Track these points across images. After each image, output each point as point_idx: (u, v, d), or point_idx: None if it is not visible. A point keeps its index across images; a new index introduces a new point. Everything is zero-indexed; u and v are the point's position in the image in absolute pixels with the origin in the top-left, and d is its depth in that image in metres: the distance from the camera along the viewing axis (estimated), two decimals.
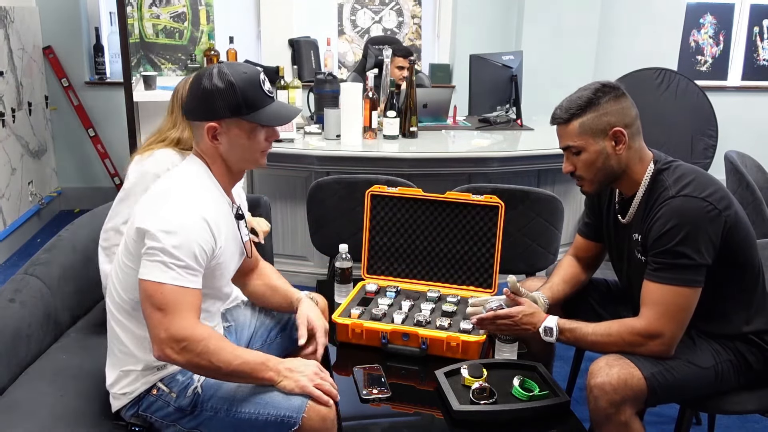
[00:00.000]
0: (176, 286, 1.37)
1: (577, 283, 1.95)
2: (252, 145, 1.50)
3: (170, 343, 1.37)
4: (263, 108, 1.48)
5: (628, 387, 1.56)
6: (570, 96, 1.70)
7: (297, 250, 3.33)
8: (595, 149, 1.66)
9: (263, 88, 1.48)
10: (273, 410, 1.46)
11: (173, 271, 1.37)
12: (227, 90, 1.43)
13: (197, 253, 1.40)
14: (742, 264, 1.66)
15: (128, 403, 1.54)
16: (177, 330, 1.36)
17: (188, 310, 1.39)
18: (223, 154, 1.51)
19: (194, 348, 1.37)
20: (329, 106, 3.30)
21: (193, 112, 1.49)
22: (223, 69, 1.46)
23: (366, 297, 2.09)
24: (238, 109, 1.45)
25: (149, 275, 1.37)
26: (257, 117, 1.47)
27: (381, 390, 1.63)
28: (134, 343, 1.52)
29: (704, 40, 5.35)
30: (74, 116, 4.54)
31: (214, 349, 1.39)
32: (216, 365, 1.40)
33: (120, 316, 1.52)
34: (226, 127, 1.47)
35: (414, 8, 5.04)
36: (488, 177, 3.12)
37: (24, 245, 3.90)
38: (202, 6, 4.65)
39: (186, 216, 1.41)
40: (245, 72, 1.47)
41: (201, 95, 1.45)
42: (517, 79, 3.68)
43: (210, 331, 1.43)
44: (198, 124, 1.49)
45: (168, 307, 1.36)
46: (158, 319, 1.37)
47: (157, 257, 1.37)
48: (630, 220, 1.75)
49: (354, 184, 2.47)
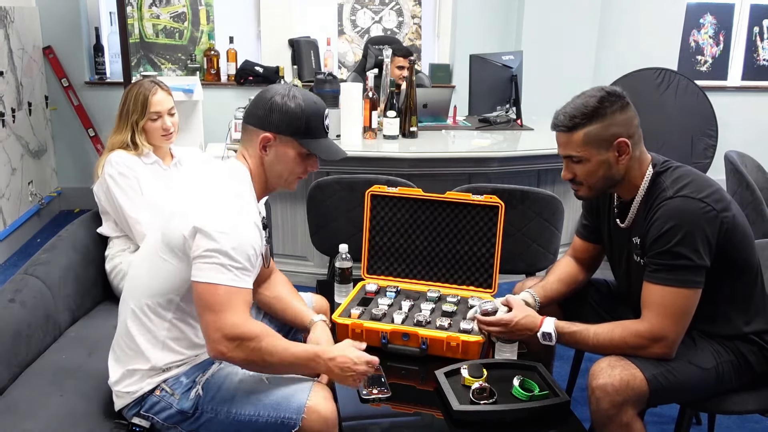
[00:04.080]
0: (233, 287, 1.40)
1: (573, 283, 1.95)
2: (295, 166, 1.57)
3: (225, 342, 1.40)
4: (319, 140, 1.56)
5: (630, 388, 1.56)
6: (574, 102, 1.66)
7: (297, 250, 3.33)
8: (597, 160, 1.65)
9: (324, 122, 1.57)
10: (273, 412, 1.47)
11: (231, 273, 1.40)
12: (295, 111, 1.51)
13: (251, 255, 1.45)
14: (740, 265, 1.66)
15: (131, 402, 1.54)
16: (231, 329, 1.39)
17: (241, 308, 1.42)
18: (266, 165, 1.56)
19: (249, 345, 1.41)
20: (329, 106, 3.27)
21: (255, 118, 1.54)
22: (296, 93, 1.54)
23: (366, 297, 2.09)
24: (298, 132, 1.52)
25: (206, 277, 1.40)
26: (312, 145, 1.54)
27: (381, 390, 1.63)
28: (149, 343, 1.52)
29: (704, 40, 5.35)
30: (74, 116, 4.54)
31: (266, 347, 1.43)
32: (269, 362, 1.44)
33: (142, 315, 1.53)
34: (280, 142, 1.53)
35: (414, 8, 5.04)
36: (488, 177, 3.12)
37: (24, 245, 3.90)
38: (202, 6, 4.65)
39: (242, 220, 1.45)
40: (315, 102, 1.56)
41: (269, 106, 1.52)
42: (517, 79, 3.68)
43: (262, 327, 1.47)
44: (254, 130, 1.54)
45: (222, 307, 1.39)
46: (212, 319, 1.40)
47: (215, 259, 1.40)
48: (629, 224, 1.74)
49: (354, 184, 2.47)
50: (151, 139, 2.22)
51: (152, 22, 4.61)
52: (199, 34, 4.69)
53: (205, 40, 4.68)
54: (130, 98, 2.20)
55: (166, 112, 2.22)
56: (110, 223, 2.22)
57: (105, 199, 2.19)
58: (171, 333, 1.52)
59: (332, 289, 2.19)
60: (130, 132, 2.19)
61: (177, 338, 1.53)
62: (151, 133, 2.22)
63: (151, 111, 2.18)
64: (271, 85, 1.61)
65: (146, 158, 2.23)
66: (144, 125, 2.19)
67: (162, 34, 4.63)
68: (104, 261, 2.22)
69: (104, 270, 2.21)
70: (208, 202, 1.47)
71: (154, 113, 2.19)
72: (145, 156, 2.22)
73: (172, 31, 4.65)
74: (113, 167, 2.16)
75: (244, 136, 1.58)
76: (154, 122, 2.20)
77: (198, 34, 4.69)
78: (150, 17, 4.59)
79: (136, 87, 2.22)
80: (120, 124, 2.22)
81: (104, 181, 2.16)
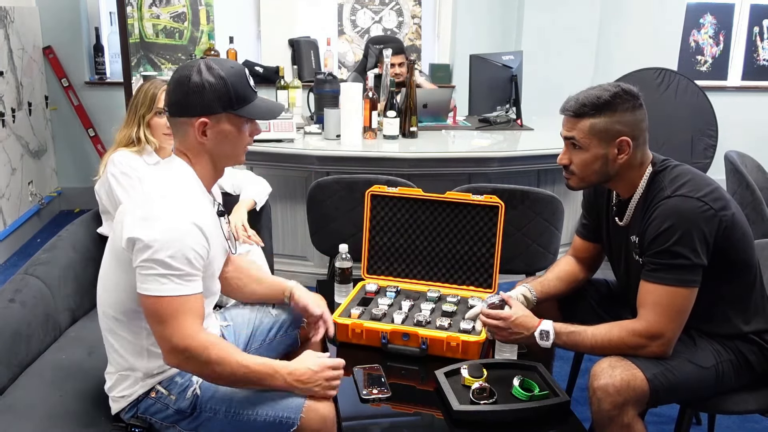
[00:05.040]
0: (175, 296, 1.36)
1: (572, 281, 1.95)
2: (240, 140, 1.49)
3: (174, 353, 1.38)
4: (252, 103, 1.47)
5: (631, 388, 1.56)
6: (588, 91, 1.66)
7: (297, 250, 3.33)
8: (596, 152, 1.65)
9: (249, 82, 1.48)
10: (271, 411, 1.47)
11: (172, 283, 1.35)
12: (218, 84, 1.41)
13: (192, 259, 1.38)
14: (740, 264, 1.66)
15: (127, 405, 1.54)
16: (178, 340, 1.36)
17: (190, 318, 1.37)
18: (210, 151, 1.47)
19: (198, 357, 1.37)
20: (329, 106, 3.30)
21: (181, 107, 1.44)
22: (210, 63, 1.43)
23: (366, 297, 2.09)
24: (229, 103, 1.43)
25: (147, 290, 1.35)
26: (247, 111, 1.46)
27: (381, 390, 1.63)
28: (132, 353, 1.51)
29: (704, 40, 5.35)
30: (74, 116, 4.54)
31: (217, 358, 1.38)
32: (220, 374, 1.40)
33: (116, 328, 1.51)
34: (216, 122, 1.44)
35: (414, 8, 5.04)
36: (488, 177, 3.12)
37: (24, 245, 3.90)
38: (202, 6, 4.65)
39: (177, 223, 1.37)
40: (232, 66, 1.46)
41: (190, 90, 1.41)
42: (517, 79, 3.68)
43: (213, 339, 1.42)
44: (184, 120, 1.44)
45: (168, 319, 1.36)
46: (161, 331, 1.37)
47: (153, 270, 1.34)
48: (627, 222, 1.74)
49: (354, 184, 2.47)
50: (155, 134, 2.24)
51: (152, 22, 4.60)
52: (199, 34, 4.69)
53: (205, 40, 4.68)
54: (140, 94, 2.25)
55: None
56: (110, 223, 2.22)
57: (106, 198, 2.19)
58: (150, 339, 1.46)
59: (332, 289, 2.19)
60: (136, 126, 2.23)
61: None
62: (155, 129, 2.24)
63: (158, 106, 2.21)
64: (180, 66, 1.47)
65: (149, 158, 2.24)
66: (150, 120, 2.23)
67: (162, 34, 4.63)
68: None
69: None
70: (140, 211, 1.40)
71: (161, 108, 2.22)
72: (147, 155, 2.23)
73: (172, 31, 4.65)
74: (116, 166, 2.17)
75: (174, 131, 1.48)
76: (160, 118, 2.22)
77: (198, 34, 4.69)
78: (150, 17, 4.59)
79: (147, 83, 2.27)
80: (128, 119, 2.26)
81: (106, 180, 2.17)
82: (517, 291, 1.90)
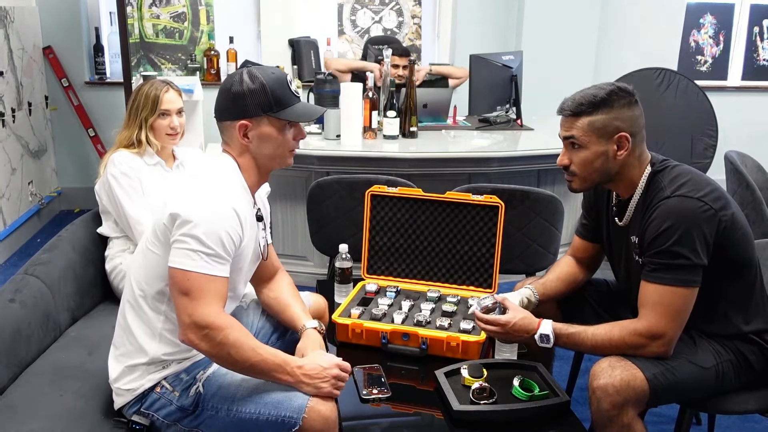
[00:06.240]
0: (202, 274, 1.40)
1: (573, 282, 1.95)
2: (282, 142, 1.55)
3: (193, 329, 1.40)
4: (291, 106, 1.54)
5: (631, 388, 1.56)
6: (583, 91, 1.67)
7: (297, 250, 3.33)
8: (596, 149, 1.65)
9: (290, 87, 1.55)
10: (274, 410, 1.47)
11: (201, 260, 1.40)
12: (258, 90, 1.50)
13: (225, 242, 1.43)
14: (740, 264, 1.66)
15: (132, 400, 1.55)
16: (200, 316, 1.39)
17: (213, 298, 1.41)
18: (253, 152, 1.55)
19: (215, 336, 1.40)
20: (329, 106, 3.30)
21: (225, 112, 1.54)
22: (252, 71, 1.53)
23: (366, 297, 2.09)
24: (269, 106, 1.51)
25: (177, 263, 1.41)
26: (286, 114, 1.53)
27: (381, 390, 1.63)
28: (146, 335, 1.53)
29: (704, 40, 5.35)
30: (74, 116, 4.54)
31: (234, 341, 1.41)
32: (234, 358, 1.43)
33: (137, 307, 1.54)
34: (257, 125, 1.52)
35: (414, 8, 5.04)
36: (488, 177, 3.12)
37: (24, 245, 3.90)
38: (202, 6, 4.65)
39: (217, 205, 1.44)
40: (273, 72, 1.54)
41: (232, 97, 1.51)
42: (517, 79, 3.68)
43: (233, 321, 1.45)
44: (229, 124, 1.53)
45: (193, 293, 1.40)
46: (184, 303, 1.40)
47: (187, 245, 1.40)
48: (627, 222, 1.74)
49: (354, 184, 2.47)
50: (158, 137, 2.24)
51: (152, 22, 4.60)
52: (199, 34, 4.69)
53: (205, 40, 4.68)
54: (141, 95, 2.23)
55: (175, 112, 2.26)
56: (110, 223, 2.22)
57: (106, 199, 2.19)
58: (166, 325, 1.53)
59: (332, 289, 2.19)
60: (138, 128, 2.22)
61: (172, 330, 1.52)
62: (158, 131, 2.24)
63: (162, 108, 2.21)
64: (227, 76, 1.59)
65: (149, 159, 2.24)
66: (153, 122, 2.22)
67: (162, 34, 4.63)
68: (104, 261, 2.22)
69: (104, 270, 2.21)
70: (186, 190, 1.49)
71: (164, 110, 2.21)
72: (148, 156, 2.23)
73: (172, 31, 4.65)
74: (116, 167, 2.16)
75: (223, 136, 1.58)
76: (163, 120, 2.22)
77: (198, 34, 4.69)
78: (150, 17, 4.59)
79: (148, 85, 2.25)
80: (129, 120, 2.25)
81: (106, 180, 2.17)
82: (521, 293, 1.90)
